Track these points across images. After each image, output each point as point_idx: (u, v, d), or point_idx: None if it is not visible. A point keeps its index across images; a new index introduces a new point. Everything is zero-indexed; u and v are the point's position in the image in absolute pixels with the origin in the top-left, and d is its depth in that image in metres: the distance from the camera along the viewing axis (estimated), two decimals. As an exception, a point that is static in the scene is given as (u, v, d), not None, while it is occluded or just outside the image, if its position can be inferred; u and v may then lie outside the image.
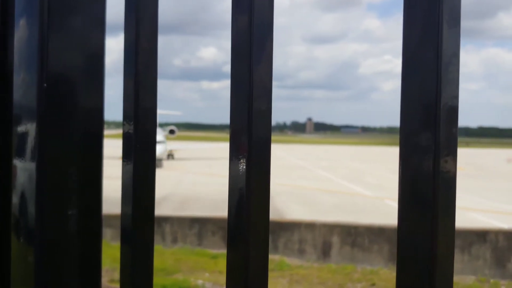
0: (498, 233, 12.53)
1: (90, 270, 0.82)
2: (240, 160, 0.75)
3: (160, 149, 41.49)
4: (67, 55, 0.81)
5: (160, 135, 43.54)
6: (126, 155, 0.88)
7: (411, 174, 0.59)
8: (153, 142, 0.89)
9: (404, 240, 0.60)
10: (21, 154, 0.80)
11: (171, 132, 52.78)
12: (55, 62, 0.79)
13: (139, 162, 0.87)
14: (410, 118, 0.59)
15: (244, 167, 0.75)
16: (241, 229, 0.75)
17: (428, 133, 0.58)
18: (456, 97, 0.59)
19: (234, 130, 0.76)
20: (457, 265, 12.39)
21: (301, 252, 13.27)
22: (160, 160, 40.97)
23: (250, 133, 0.74)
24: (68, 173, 0.80)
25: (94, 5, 0.82)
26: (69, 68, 0.80)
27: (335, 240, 13.14)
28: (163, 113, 55.13)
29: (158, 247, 13.35)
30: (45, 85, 0.78)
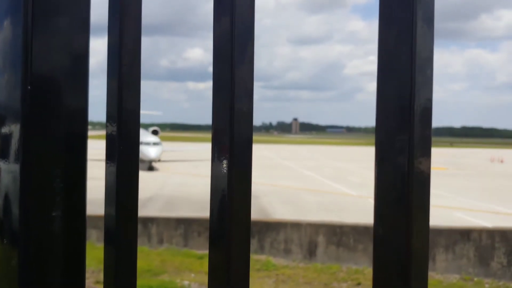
0: (481, 231, 12.67)
1: (74, 271, 0.82)
2: (222, 160, 0.75)
3: (157, 151, 39.72)
4: (51, 56, 0.81)
5: (154, 137, 43.18)
6: (110, 156, 0.88)
7: (386, 174, 0.60)
8: (136, 143, 0.89)
9: (380, 239, 0.60)
10: (5, 155, 0.80)
11: (154, 132, 52.29)
12: (39, 63, 0.79)
13: (123, 163, 0.87)
14: (385, 119, 0.60)
15: (226, 167, 0.75)
16: (223, 229, 0.75)
17: (403, 133, 0.59)
18: (430, 98, 0.60)
19: (216, 130, 0.76)
20: (441, 264, 12.52)
21: (287, 252, 13.30)
22: (154, 162, 40.27)
23: (232, 134, 0.74)
24: (52, 174, 0.80)
25: (79, 6, 0.82)
26: (53, 69, 0.80)
27: (321, 239, 13.19)
28: (144, 113, 54.80)
29: (144, 248, 13.28)
30: (29, 86, 0.78)
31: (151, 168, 38.77)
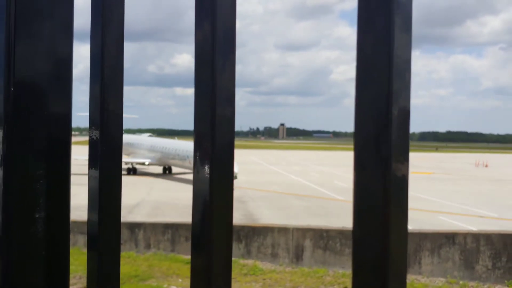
0: (466, 235, 12.77)
1: (57, 274, 0.82)
2: (203, 165, 0.75)
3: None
4: (34, 60, 0.81)
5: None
6: (92, 161, 0.88)
7: (365, 179, 0.60)
8: (119, 148, 0.89)
9: (359, 243, 0.61)
10: None
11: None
12: (22, 67, 0.79)
13: (105, 167, 0.87)
14: (364, 125, 0.61)
15: (208, 172, 0.74)
16: (205, 234, 0.75)
17: (381, 139, 0.59)
18: (407, 103, 0.61)
19: (198, 135, 0.76)
20: (427, 268, 12.59)
21: (274, 256, 13.29)
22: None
23: (214, 139, 0.74)
24: (35, 177, 0.80)
25: (62, 11, 0.83)
26: (36, 73, 0.81)
27: (308, 244, 13.21)
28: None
29: (131, 254, 13.20)
30: (12, 89, 0.78)
31: None
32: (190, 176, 37.22)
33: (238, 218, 20.05)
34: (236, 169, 34.84)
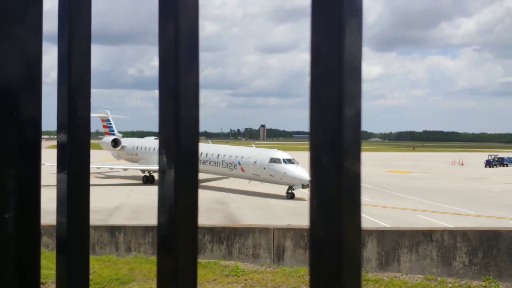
0: (443, 232, 12.94)
1: (28, 274, 0.82)
2: (168, 168, 0.74)
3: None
4: (3, 62, 0.81)
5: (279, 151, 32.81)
6: (61, 164, 0.86)
7: (320, 177, 0.62)
8: (87, 151, 0.88)
9: (315, 241, 0.62)
10: None
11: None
12: None
13: (74, 171, 0.86)
14: (318, 125, 0.63)
15: (173, 175, 0.73)
16: (170, 237, 0.74)
17: (334, 139, 0.61)
18: (359, 104, 0.63)
19: (163, 138, 0.75)
20: (405, 265, 12.73)
21: (255, 257, 13.31)
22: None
23: (178, 142, 0.73)
24: (5, 177, 0.80)
25: (31, 13, 0.82)
26: (5, 75, 0.80)
27: (288, 243, 13.27)
28: (114, 117, 50.91)
29: (111, 257, 13.07)
30: None
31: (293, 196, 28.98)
32: (221, 184, 34.91)
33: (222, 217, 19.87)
34: (303, 176, 27.80)
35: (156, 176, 35.48)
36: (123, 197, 27.98)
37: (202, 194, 28.70)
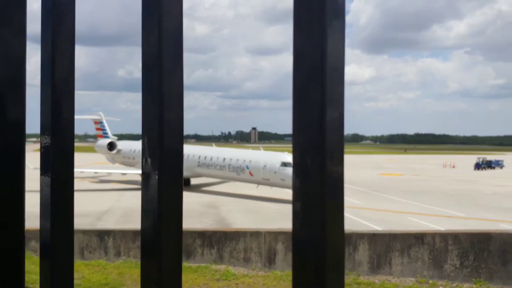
0: (435, 235, 13.00)
1: (12, 280, 0.81)
2: (152, 171, 0.74)
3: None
4: None
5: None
6: (44, 168, 0.86)
7: (303, 181, 0.61)
8: (71, 154, 0.88)
9: (299, 243, 0.62)
10: None
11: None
12: None
13: (58, 174, 0.85)
14: (301, 129, 0.62)
15: (156, 178, 0.73)
16: (154, 241, 0.74)
17: (317, 142, 0.61)
18: (341, 108, 0.62)
19: (146, 141, 0.75)
20: (397, 268, 12.77)
21: (246, 261, 13.27)
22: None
23: (162, 144, 0.73)
24: None
25: (14, 15, 0.82)
26: None
27: (280, 247, 13.24)
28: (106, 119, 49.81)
29: (101, 262, 12.99)
30: None
31: None
32: (217, 188, 33.94)
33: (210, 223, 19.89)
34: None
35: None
36: (133, 203, 27.30)
37: (205, 198, 28.77)
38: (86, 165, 45.91)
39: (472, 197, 30.72)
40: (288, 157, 29.82)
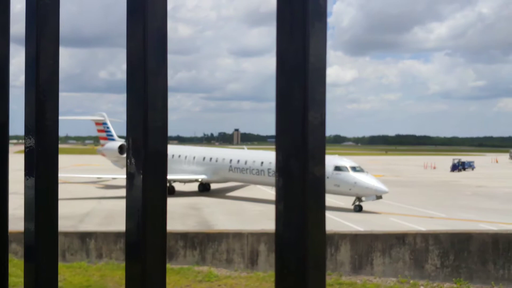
0: (416, 235, 13.12)
1: None
2: (136, 172, 0.74)
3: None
4: None
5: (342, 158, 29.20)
6: (28, 170, 0.85)
7: (285, 182, 0.62)
8: (56, 156, 0.87)
9: (281, 244, 0.62)
10: None
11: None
12: None
13: (42, 177, 0.84)
14: (284, 130, 0.62)
15: (141, 179, 0.73)
16: (139, 242, 0.74)
17: (299, 143, 0.61)
18: (323, 109, 0.63)
19: (130, 142, 0.74)
20: (379, 268, 12.85)
21: (229, 262, 13.26)
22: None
23: (146, 146, 0.73)
24: None
25: None
26: None
27: (262, 248, 13.25)
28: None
29: (82, 264, 12.85)
30: None
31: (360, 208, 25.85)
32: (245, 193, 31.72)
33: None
34: (379, 185, 25.26)
35: (176, 187, 32.60)
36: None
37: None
38: (66, 167, 45.18)
39: (453, 198, 31.09)
40: (341, 161, 27.73)
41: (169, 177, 30.68)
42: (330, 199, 26.18)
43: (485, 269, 12.37)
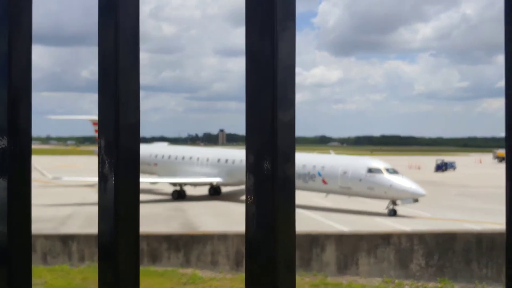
0: (401, 235, 13.21)
1: None
2: (109, 174, 0.73)
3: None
4: None
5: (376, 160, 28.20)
6: (0, 170, 0.84)
7: (255, 183, 0.61)
8: (28, 156, 0.86)
9: (250, 242, 0.62)
10: None
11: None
12: None
13: (14, 178, 0.83)
14: (253, 129, 0.61)
15: (113, 181, 0.73)
16: (111, 245, 0.73)
17: (269, 143, 0.60)
18: (293, 108, 0.62)
19: (103, 143, 0.74)
20: (364, 268, 12.91)
21: (214, 264, 13.21)
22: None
23: (118, 147, 0.72)
24: None
25: None
26: None
27: (248, 250, 13.22)
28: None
29: (64, 267, 12.75)
30: None
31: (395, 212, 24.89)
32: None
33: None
34: (416, 188, 24.45)
35: (187, 190, 31.03)
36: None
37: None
38: (50, 168, 44.89)
39: (437, 198, 31.40)
40: (375, 163, 26.90)
41: (180, 180, 30.18)
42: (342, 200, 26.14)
43: (469, 268, 12.48)
